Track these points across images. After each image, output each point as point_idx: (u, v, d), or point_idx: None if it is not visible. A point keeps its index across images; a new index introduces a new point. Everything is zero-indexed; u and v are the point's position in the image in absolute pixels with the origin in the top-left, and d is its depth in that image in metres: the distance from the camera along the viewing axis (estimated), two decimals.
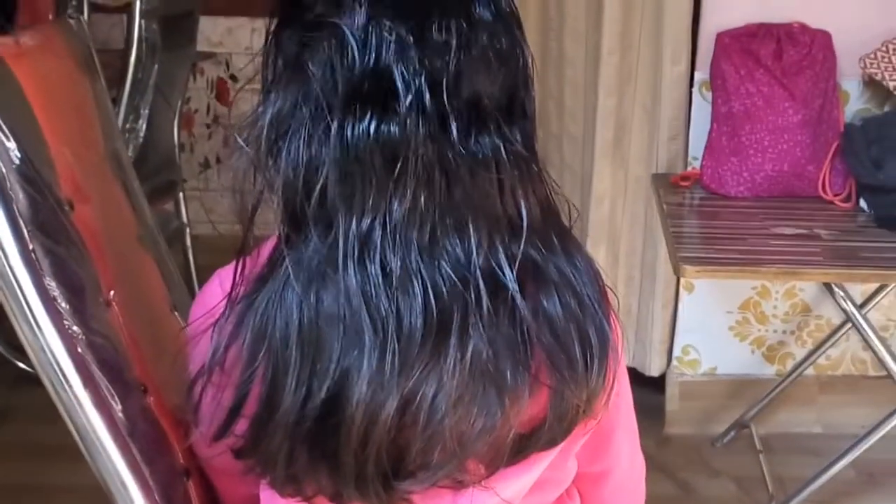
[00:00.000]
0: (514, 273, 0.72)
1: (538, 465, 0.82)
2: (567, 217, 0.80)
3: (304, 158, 0.70)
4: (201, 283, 2.75)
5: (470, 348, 0.71)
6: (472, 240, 0.71)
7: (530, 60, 0.75)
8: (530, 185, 0.75)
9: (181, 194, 2.76)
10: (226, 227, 3.42)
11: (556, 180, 0.80)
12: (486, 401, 0.72)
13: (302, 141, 0.70)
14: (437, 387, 0.71)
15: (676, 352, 2.38)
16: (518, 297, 0.73)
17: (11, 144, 0.74)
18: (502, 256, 0.72)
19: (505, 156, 0.72)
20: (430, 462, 0.75)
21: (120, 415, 0.81)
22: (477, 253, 0.71)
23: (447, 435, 0.73)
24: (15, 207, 0.73)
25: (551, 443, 0.79)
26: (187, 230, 2.77)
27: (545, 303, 0.74)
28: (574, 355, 0.75)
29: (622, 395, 0.89)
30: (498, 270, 0.72)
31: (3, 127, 0.74)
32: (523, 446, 0.77)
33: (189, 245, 2.77)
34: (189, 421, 0.83)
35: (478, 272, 0.71)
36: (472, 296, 0.71)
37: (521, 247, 0.73)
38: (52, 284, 0.75)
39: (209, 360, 0.76)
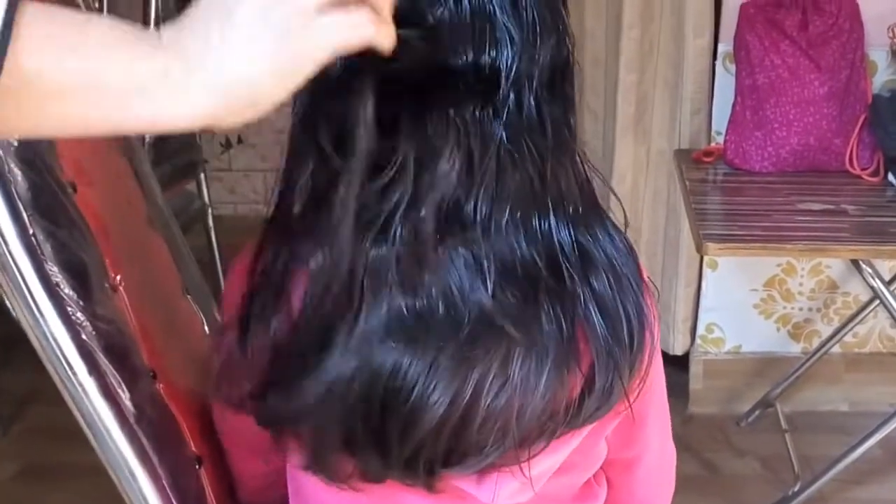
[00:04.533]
0: (573, 255, 0.72)
1: (566, 447, 0.81)
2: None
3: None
4: (224, 263, 2.74)
5: (533, 335, 0.70)
6: (532, 223, 0.70)
7: (569, 36, 0.73)
8: (572, 167, 0.74)
9: (202, 175, 2.75)
10: (248, 208, 3.42)
11: None
12: (544, 386, 0.71)
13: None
14: (499, 374, 0.70)
15: (700, 330, 2.35)
16: (577, 279, 0.72)
17: None
18: (557, 239, 0.71)
19: (552, 136, 0.71)
20: (483, 448, 0.74)
21: (127, 402, 0.79)
22: (535, 237, 0.70)
23: (505, 423, 0.72)
24: (14, 191, 0.72)
25: (587, 422, 0.78)
26: (209, 211, 2.77)
27: (594, 283, 0.73)
28: (622, 335, 0.74)
29: (656, 381, 0.88)
30: (555, 254, 0.71)
31: None
32: (558, 427, 0.76)
33: (211, 226, 2.76)
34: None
35: (536, 257, 0.70)
36: (534, 281, 0.70)
37: (573, 229, 0.72)
38: (54, 270, 0.74)
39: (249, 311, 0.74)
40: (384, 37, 0.59)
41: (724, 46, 2.10)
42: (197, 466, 0.90)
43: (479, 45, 0.67)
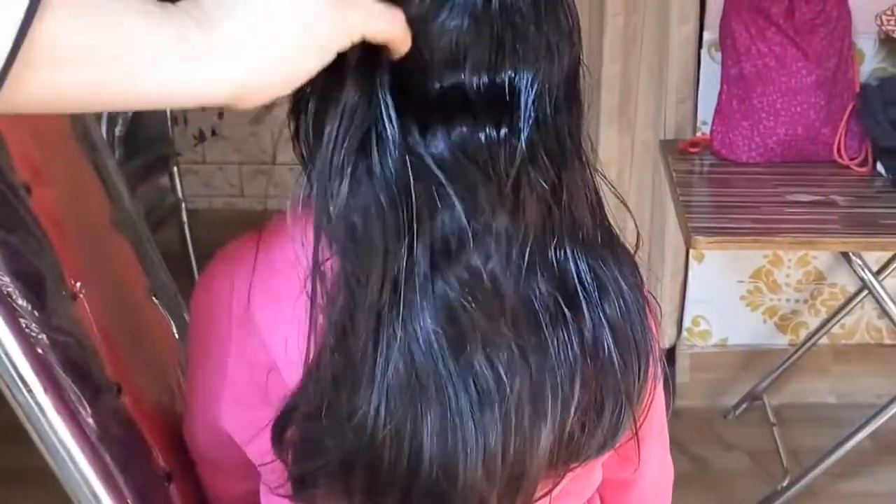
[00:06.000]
0: (591, 286, 0.68)
1: (561, 480, 0.76)
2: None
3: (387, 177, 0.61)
4: (199, 258, 2.65)
5: (544, 372, 0.66)
6: (548, 253, 0.66)
7: (580, 42, 0.67)
8: (583, 180, 0.68)
9: (175, 168, 2.68)
10: (223, 201, 3.36)
11: None
12: (554, 426, 0.68)
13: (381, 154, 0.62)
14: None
15: (686, 323, 2.32)
16: (592, 312, 0.68)
17: None
18: (573, 271, 0.67)
19: (566, 148, 0.65)
20: (481, 493, 0.69)
21: (89, 420, 0.74)
22: (550, 268, 0.66)
23: (505, 466, 0.67)
24: None
25: (590, 458, 0.74)
26: (183, 205, 2.70)
27: (609, 314, 0.69)
28: (632, 364, 0.70)
29: (656, 400, 0.83)
30: (571, 286, 0.67)
31: None
32: (562, 470, 0.73)
33: (185, 220, 2.70)
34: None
35: (552, 290, 0.66)
36: (548, 315, 0.66)
37: (587, 257, 0.68)
38: (5, 280, 0.68)
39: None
40: (403, 41, 0.59)
41: (710, 35, 2.06)
42: (166, 483, 0.85)
43: (499, 59, 0.61)
